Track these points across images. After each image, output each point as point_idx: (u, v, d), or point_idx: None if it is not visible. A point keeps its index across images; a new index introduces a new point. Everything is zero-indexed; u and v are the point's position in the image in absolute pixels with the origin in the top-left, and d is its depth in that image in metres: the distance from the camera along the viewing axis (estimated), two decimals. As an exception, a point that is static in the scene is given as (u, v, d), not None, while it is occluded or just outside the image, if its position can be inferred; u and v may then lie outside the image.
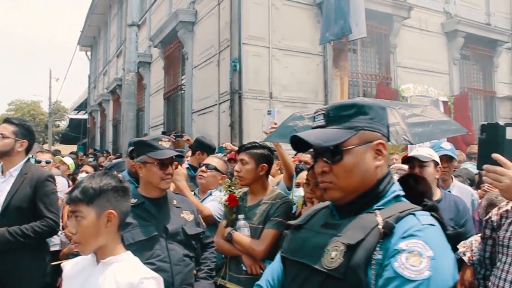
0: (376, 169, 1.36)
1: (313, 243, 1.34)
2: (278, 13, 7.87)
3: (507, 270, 1.98)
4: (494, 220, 2.19)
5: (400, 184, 2.89)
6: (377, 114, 1.40)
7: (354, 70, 8.58)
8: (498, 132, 1.69)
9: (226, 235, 2.77)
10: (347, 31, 6.43)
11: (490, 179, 1.69)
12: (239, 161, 2.86)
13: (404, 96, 8.52)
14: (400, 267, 1.15)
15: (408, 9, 9.07)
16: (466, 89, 10.51)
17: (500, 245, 2.07)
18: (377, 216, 1.27)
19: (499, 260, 2.06)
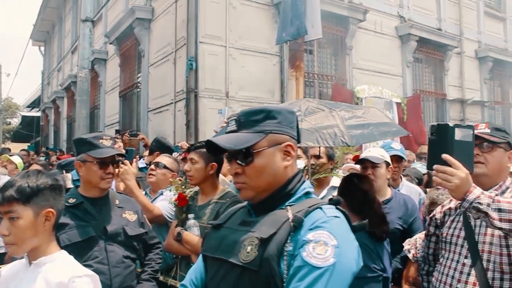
0: (286, 169, 1.46)
1: (231, 240, 1.42)
2: (235, 12, 7.86)
3: (449, 266, 2.03)
4: (438, 217, 2.23)
5: (345, 182, 2.93)
6: (285, 118, 1.49)
7: (311, 71, 8.69)
8: (448, 132, 1.73)
9: (176, 234, 2.75)
10: (303, 32, 6.52)
11: (439, 179, 1.71)
12: (189, 161, 2.86)
13: (359, 97, 8.69)
14: (308, 256, 1.25)
15: (364, 12, 9.26)
16: (419, 91, 10.83)
17: (443, 242, 2.13)
18: (288, 212, 1.37)
19: (442, 256, 2.12)
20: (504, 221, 1.67)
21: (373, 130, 3.10)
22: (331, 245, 1.27)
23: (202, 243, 1.57)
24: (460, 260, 1.99)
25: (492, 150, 2.03)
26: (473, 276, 1.92)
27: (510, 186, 2.05)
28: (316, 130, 2.93)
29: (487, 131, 2.05)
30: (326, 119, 3.07)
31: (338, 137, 2.91)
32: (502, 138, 2.05)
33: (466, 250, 1.98)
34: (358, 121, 3.13)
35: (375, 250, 2.66)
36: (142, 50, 9.56)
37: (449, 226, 2.12)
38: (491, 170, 2.02)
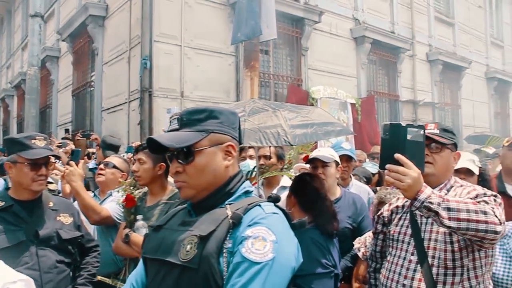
0: (227, 168, 1.48)
1: (171, 240, 1.41)
2: (191, 12, 7.82)
3: (396, 263, 2.08)
4: (385, 215, 2.28)
5: (297, 181, 2.96)
6: (227, 119, 1.51)
7: (266, 71, 8.75)
8: (400, 132, 1.74)
9: (124, 236, 2.70)
10: (257, 33, 6.56)
11: (392, 178, 1.73)
12: (137, 161, 2.82)
13: (314, 98, 8.82)
14: (247, 251, 1.26)
15: (319, 14, 9.41)
16: (373, 92, 11.10)
17: (390, 239, 2.18)
18: (227, 209, 1.39)
19: (389, 254, 2.17)
20: (453, 219, 1.71)
21: (317, 129, 3.15)
22: (269, 241, 1.28)
23: (142, 245, 1.56)
24: (407, 257, 2.04)
25: (440, 151, 2.09)
26: (419, 272, 1.97)
27: (454, 184, 2.13)
28: (259, 129, 2.96)
29: (436, 132, 2.11)
30: (270, 119, 3.10)
31: (281, 136, 2.95)
32: (450, 139, 2.12)
33: (412, 247, 2.03)
34: (302, 120, 3.18)
35: (326, 247, 2.68)
36: (96, 48, 9.35)
37: (396, 224, 2.17)
38: (438, 170, 2.08)
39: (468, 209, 1.73)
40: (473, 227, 1.72)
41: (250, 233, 1.30)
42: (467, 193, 2.01)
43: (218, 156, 1.46)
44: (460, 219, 1.71)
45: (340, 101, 9.50)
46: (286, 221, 1.43)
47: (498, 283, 2.42)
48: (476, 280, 1.93)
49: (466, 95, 14.68)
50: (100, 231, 3.12)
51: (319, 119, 3.28)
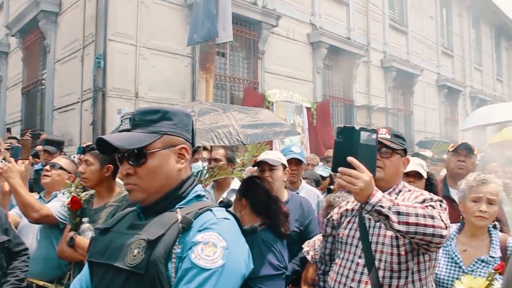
0: (179, 171, 1.45)
1: (118, 244, 1.37)
2: (147, 11, 7.76)
3: (344, 266, 2.10)
4: (335, 218, 2.29)
5: (247, 184, 2.97)
6: (181, 121, 1.48)
7: (223, 73, 8.78)
8: (354, 135, 1.73)
9: (68, 239, 2.64)
10: (213, 35, 6.60)
11: (344, 181, 1.72)
12: (84, 162, 2.76)
13: (270, 101, 8.92)
14: (196, 257, 1.24)
15: (277, 18, 9.52)
16: (328, 96, 11.31)
17: (339, 242, 2.19)
18: (178, 213, 1.36)
19: (338, 256, 2.18)
20: (402, 223, 1.72)
21: (267, 129, 3.21)
22: (220, 247, 1.26)
23: (88, 248, 1.52)
24: (355, 260, 2.07)
25: (390, 156, 2.14)
26: (366, 275, 2.00)
27: (402, 189, 2.18)
28: (211, 129, 2.98)
29: (387, 137, 2.15)
30: (221, 119, 3.12)
31: (233, 136, 2.98)
32: (400, 145, 2.17)
33: (360, 250, 2.06)
34: (252, 121, 3.22)
35: (278, 249, 2.69)
36: (48, 45, 9.09)
37: (345, 227, 2.19)
38: (388, 175, 2.13)
39: (417, 214, 1.75)
40: (421, 231, 1.75)
41: (200, 239, 1.27)
42: (414, 197, 2.05)
43: (171, 159, 1.43)
44: (409, 223, 1.73)
45: (296, 105, 9.64)
46: (237, 226, 1.42)
47: (440, 283, 2.48)
48: (420, 282, 1.98)
49: (418, 101, 15.26)
50: (42, 234, 3.02)
51: (268, 120, 3.34)
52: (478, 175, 2.59)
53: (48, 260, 2.82)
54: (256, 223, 2.59)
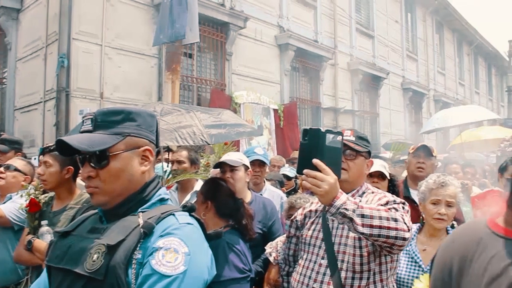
0: (143, 174, 1.44)
1: (78, 248, 1.35)
2: (113, 10, 7.69)
3: (307, 266, 2.12)
4: (299, 219, 2.32)
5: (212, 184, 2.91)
6: (145, 121, 1.46)
7: (189, 75, 8.79)
8: (319, 137, 1.74)
9: (26, 243, 2.58)
10: (180, 35, 6.60)
11: (309, 184, 1.72)
12: (43, 163, 2.68)
13: (237, 103, 8.97)
14: (157, 263, 1.22)
15: (244, 19, 9.58)
16: (295, 98, 11.43)
17: (303, 243, 2.22)
18: (140, 218, 1.34)
19: (301, 257, 2.20)
20: (366, 226, 1.74)
21: (230, 130, 3.26)
22: (181, 253, 1.25)
23: (47, 253, 1.47)
24: (317, 261, 2.09)
25: (355, 158, 2.17)
26: (328, 276, 2.03)
27: (366, 191, 2.22)
28: (175, 129, 2.98)
29: (352, 139, 2.18)
30: (184, 118, 3.13)
31: (197, 135, 2.99)
32: (365, 147, 2.20)
33: (323, 251, 2.08)
34: (215, 121, 3.25)
35: (243, 251, 2.69)
36: (9, 43, 8.88)
37: (308, 228, 2.22)
38: (352, 177, 2.16)
39: (381, 216, 1.78)
40: (385, 233, 1.78)
41: (162, 244, 1.25)
42: (378, 199, 2.09)
43: (134, 161, 1.41)
44: (372, 225, 1.75)
45: (263, 106, 9.73)
46: (200, 231, 1.41)
47: (400, 283, 2.54)
48: (381, 283, 2.02)
49: (383, 104, 15.63)
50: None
51: (231, 120, 3.39)
52: (437, 178, 2.67)
53: (2, 263, 2.76)
54: (220, 226, 2.64)
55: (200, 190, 2.85)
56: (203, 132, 3.05)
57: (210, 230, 2.48)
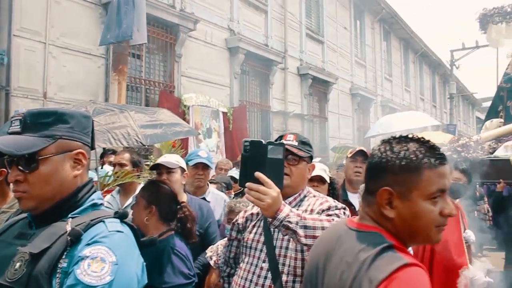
0: (75, 178, 1.40)
1: (2, 255, 1.31)
2: (58, 8, 7.54)
3: (249, 270, 2.15)
4: (240, 222, 2.35)
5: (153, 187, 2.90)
6: (79, 123, 1.43)
7: (138, 76, 8.74)
8: (261, 150, 1.74)
9: None
10: (127, 36, 6.61)
11: (252, 197, 1.72)
12: None
13: (186, 105, 8.99)
14: (82, 273, 1.18)
15: (195, 21, 9.60)
16: (245, 102, 11.55)
17: (244, 246, 2.25)
18: (68, 224, 1.30)
19: (242, 261, 2.24)
20: (309, 237, 1.78)
21: (166, 129, 3.24)
22: (109, 262, 1.22)
23: None
24: (259, 264, 2.12)
25: (297, 163, 2.21)
26: (269, 279, 2.06)
27: (307, 195, 2.27)
28: (108, 130, 2.93)
29: (295, 144, 2.22)
30: (118, 119, 3.08)
31: (131, 136, 2.96)
32: (307, 152, 2.24)
33: (264, 255, 2.11)
34: (150, 121, 3.22)
35: (187, 256, 2.69)
36: None
37: (250, 231, 2.26)
38: (294, 182, 2.20)
39: (323, 227, 1.80)
40: None
41: (88, 253, 1.22)
42: (319, 204, 2.15)
43: (65, 165, 1.37)
44: (315, 236, 1.77)
45: (212, 109, 9.79)
46: (131, 239, 1.38)
47: None
48: None
49: (332, 108, 16.10)
50: None
51: (167, 120, 3.36)
52: None
53: None
54: (163, 230, 2.67)
55: (140, 195, 2.80)
56: (138, 132, 3.00)
57: (153, 235, 2.54)
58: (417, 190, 1.26)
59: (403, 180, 1.27)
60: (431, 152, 1.29)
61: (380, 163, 1.32)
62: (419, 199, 1.26)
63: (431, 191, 1.26)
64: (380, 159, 1.32)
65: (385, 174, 1.30)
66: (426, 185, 1.26)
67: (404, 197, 1.27)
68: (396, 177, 1.28)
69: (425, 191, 1.26)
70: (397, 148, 1.31)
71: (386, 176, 1.30)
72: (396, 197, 1.28)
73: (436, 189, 1.26)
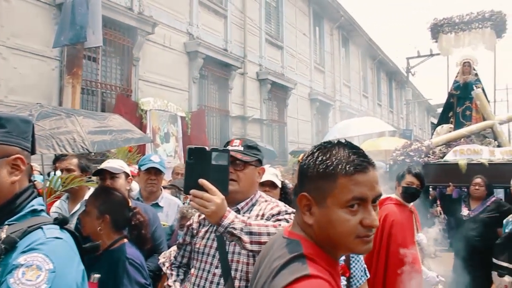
0: (12, 184, 1.37)
1: None
2: (9, 7, 7.35)
3: (201, 276, 2.15)
4: (194, 227, 2.34)
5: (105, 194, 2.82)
6: (17, 127, 1.40)
7: (94, 79, 8.62)
8: (205, 156, 1.75)
9: None
10: (81, 38, 6.54)
11: (196, 204, 1.74)
12: None
13: (143, 109, 8.94)
14: (15, 282, 1.15)
15: (153, 25, 9.56)
16: (204, 106, 11.57)
17: (196, 252, 2.25)
18: (3, 232, 1.27)
19: (193, 267, 2.23)
20: (254, 243, 1.80)
21: (116, 136, 3.18)
22: (45, 270, 1.18)
23: None
24: (211, 270, 2.12)
25: (244, 168, 2.20)
26: (221, 285, 2.06)
27: (259, 199, 2.28)
28: (52, 135, 2.84)
29: (240, 149, 2.22)
30: (64, 124, 3.01)
31: (77, 143, 2.88)
32: (253, 156, 2.24)
33: (217, 260, 2.12)
34: (100, 127, 3.16)
35: (142, 265, 2.66)
36: None
37: (202, 237, 2.25)
38: (242, 187, 2.20)
39: (269, 233, 1.82)
40: None
41: (23, 261, 1.19)
42: (270, 208, 2.16)
43: (2, 171, 1.34)
44: (261, 242, 1.79)
45: (170, 114, 9.76)
46: (71, 246, 1.36)
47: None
48: None
49: (291, 113, 16.35)
50: None
51: (118, 126, 3.31)
52: None
53: None
54: (115, 239, 2.64)
55: (91, 204, 2.72)
56: (84, 139, 2.92)
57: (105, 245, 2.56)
58: (331, 197, 1.23)
59: (319, 187, 1.25)
60: (351, 158, 1.25)
61: (302, 169, 1.32)
62: (334, 207, 1.23)
63: (345, 199, 1.22)
64: (303, 165, 1.32)
65: (305, 180, 1.30)
66: (341, 193, 1.22)
67: (320, 204, 1.25)
68: (314, 183, 1.27)
69: (340, 199, 1.22)
70: (318, 153, 1.29)
71: (306, 182, 1.30)
72: (313, 204, 1.27)
73: (351, 197, 1.22)
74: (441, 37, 9.69)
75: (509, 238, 4.51)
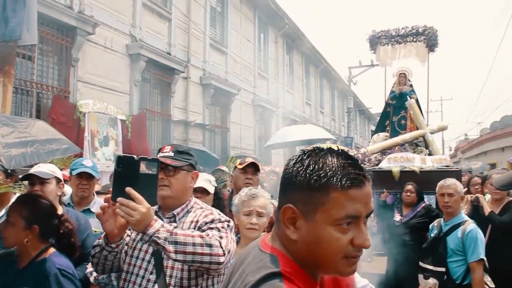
0: None
1: None
2: None
3: (135, 282, 2.16)
4: (129, 233, 2.29)
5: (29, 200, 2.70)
6: None
7: (29, 79, 8.36)
8: (133, 165, 1.79)
9: None
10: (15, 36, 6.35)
11: (122, 212, 1.78)
12: None
13: (81, 112, 8.77)
14: None
15: (94, 25, 9.43)
16: (145, 110, 11.50)
17: (131, 257, 2.22)
18: None
19: (126, 272, 2.21)
20: (179, 253, 1.85)
21: (39, 147, 2.97)
22: None
23: None
24: (146, 276, 2.12)
25: (175, 174, 2.23)
26: None
27: (194, 206, 2.31)
28: None
29: (171, 155, 2.25)
30: None
31: None
32: (184, 161, 2.27)
33: (152, 266, 2.12)
34: (20, 137, 2.90)
35: (75, 275, 2.57)
36: None
37: (138, 241, 2.23)
38: (175, 192, 2.23)
39: (194, 243, 1.88)
40: (198, 259, 1.90)
41: None
42: (204, 216, 2.20)
43: None
44: (186, 252, 1.85)
45: (110, 116, 9.64)
46: None
47: None
48: None
49: (234, 119, 16.53)
50: None
51: (42, 136, 3.09)
52: (249, 190, 2.86)
53: None
54: (41, 248, 2.55)
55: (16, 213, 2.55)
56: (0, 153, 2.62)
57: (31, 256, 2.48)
58: (322, 212, 1.11)
59: (309, 199, 1.12)
60: (346, 170, 1.13)
61: (289, 177, 1.18)
62: (324, 223, 1.11)
63: (337, 216, 1.11)
64: (290, 172, 1.18)
65: (292, 189, 1.16)
66: (333, 208, 1.10)
67: (308, 218, 1.13)
68: (302, 195, 1.14)
69: (331, 215, 1.11)
70: (308, 161, 1.16)
71: (292, 192, 1.16)
72: (300, 217, 1.14)
73: (344, 214, 1.11)
74: (379, 49, 10.22)
75: (433, 242, 4.82)
